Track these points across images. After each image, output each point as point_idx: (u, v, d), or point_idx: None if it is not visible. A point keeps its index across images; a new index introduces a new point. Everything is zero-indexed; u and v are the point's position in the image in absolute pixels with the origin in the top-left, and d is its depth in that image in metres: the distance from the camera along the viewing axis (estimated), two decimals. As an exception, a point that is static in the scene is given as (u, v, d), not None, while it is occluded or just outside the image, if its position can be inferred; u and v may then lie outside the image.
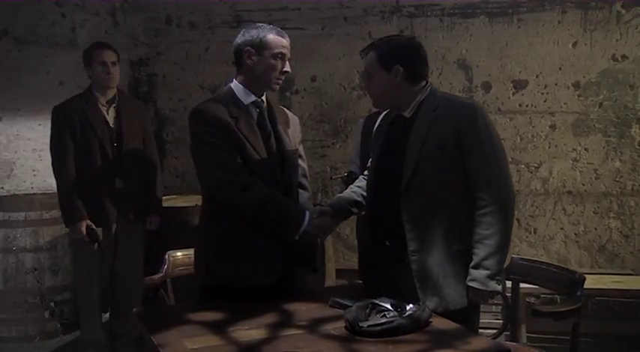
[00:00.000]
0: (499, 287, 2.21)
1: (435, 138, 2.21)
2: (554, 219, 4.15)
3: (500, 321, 3.54)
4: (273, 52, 2.34)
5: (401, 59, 2.24)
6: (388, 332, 1.92)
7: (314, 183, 4.24)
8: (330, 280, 3.80)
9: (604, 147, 4.10)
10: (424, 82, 2.29)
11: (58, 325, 4.01)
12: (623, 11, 4.03)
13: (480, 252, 2.19)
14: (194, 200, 3.91)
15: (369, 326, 1.94)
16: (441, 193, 2.23)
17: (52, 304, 3.97)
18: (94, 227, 3.48)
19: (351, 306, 2.10)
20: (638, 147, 4.07)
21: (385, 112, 2.42)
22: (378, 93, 2.31)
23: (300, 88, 4.39)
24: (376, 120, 3.46)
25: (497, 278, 2.20)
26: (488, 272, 2.18)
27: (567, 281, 2.50)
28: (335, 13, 4.30)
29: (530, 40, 4.11)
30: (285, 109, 2.61)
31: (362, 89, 4.33)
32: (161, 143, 4.39)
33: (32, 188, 4.38)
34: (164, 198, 3.96)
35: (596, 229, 4.15)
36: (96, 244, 3.47)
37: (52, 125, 3.58)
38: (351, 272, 4.26)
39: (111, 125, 3.58)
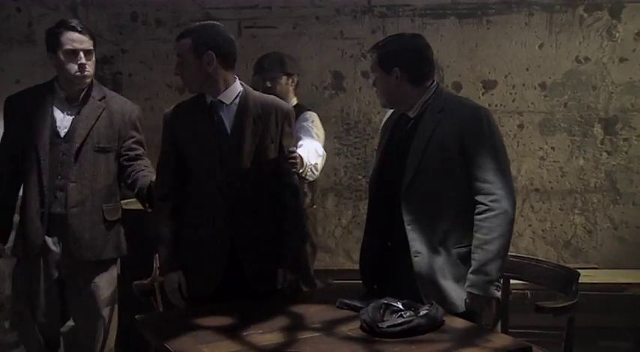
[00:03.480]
0: (498, 294, 2.23)
1: (438, 140, 2.22)
2: (522, 216, 4.26)
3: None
4: None
5: (400, 62, 2.26)
6: (408, 332, 1.92)
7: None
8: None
9: (569, 146, 4.23)
10: (430, 82, 2.30)
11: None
12: (586, 15, 4.17)
13: (479, 257, 2.19)
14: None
15: (388, 326, 1.93)
16: (443, 195, 2.25)
17: (13, 313, 3.77)
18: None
19: (362, 307, 2.09)
20: (600, 145, 4.23)
21: (391, 111, 2.42)
22: (382, 94, 2.32)
23: (271, 87, 4.33)
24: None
25: (496, 284, 2.21)
26: (487, 278, 2.18)
27: (560, 277, 2.57)
28: (306, 12, 4.26)
29: (498, 41, 4.19)
30: (273, 102, 2.50)
31: (334, 88, 4.32)
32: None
33: (-15, 190, 4.14)
34: (133, 200, 3.81)
35: (561, 225, 4.29)
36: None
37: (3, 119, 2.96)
38: (324, 272, 4.26)
39: (62, 130, 2.77)
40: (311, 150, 3.06)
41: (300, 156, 2.82)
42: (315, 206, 3.66)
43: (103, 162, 2.84)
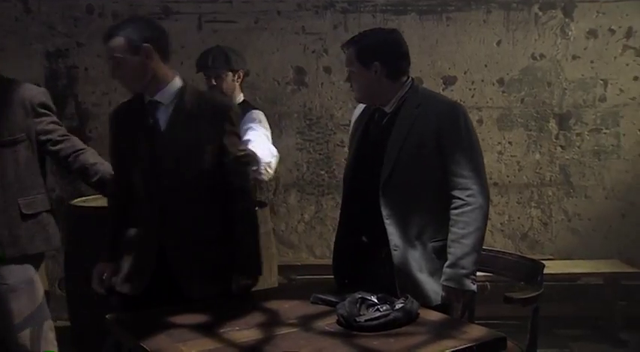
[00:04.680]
0: (474, 287, 2.26)
1: (416, 135, 2.24)
2: (482, 209, 4.33)
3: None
4: None
5: (379, 56, 2.25)
6: (385, 326, 1.93)
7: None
8: (274, 277, 3.75)
9: (525, 141, 4.35)
10: (405, 78, 2.31)
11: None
12: (541, 13, 4.29)
13: (456, 251, 2.23)
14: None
15: (365, 320, 1.94)
16: (419, 190, 2.27)
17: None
18: None
19: (337, 302, 2.10)
20: (555, 140, 4.36)
21: (364, 106, 2.42)
22: (359, 89, 2.30)
23: (232, 82, 4.28)
24: None
25: (472, 277, 2.25)
26: (464, 271, 2.22)
27: (525, 269, 2.63)
28: (268, 6, 4.23)
29: (458, 38, 4.26)
30: (212, 99, 2.41)
31: (296, 84, 4.31)
32: (84, 140, 4.10)
33: None
34: (86, 198, 3.67)
35: (519, 218, 4.40)
36: None
37: None
38: (287, 268, 4.25)
39: None
40: (265, 149, 2.94)
41: (254, 153, 2.73)
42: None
43: (9, 155, 2.63)
